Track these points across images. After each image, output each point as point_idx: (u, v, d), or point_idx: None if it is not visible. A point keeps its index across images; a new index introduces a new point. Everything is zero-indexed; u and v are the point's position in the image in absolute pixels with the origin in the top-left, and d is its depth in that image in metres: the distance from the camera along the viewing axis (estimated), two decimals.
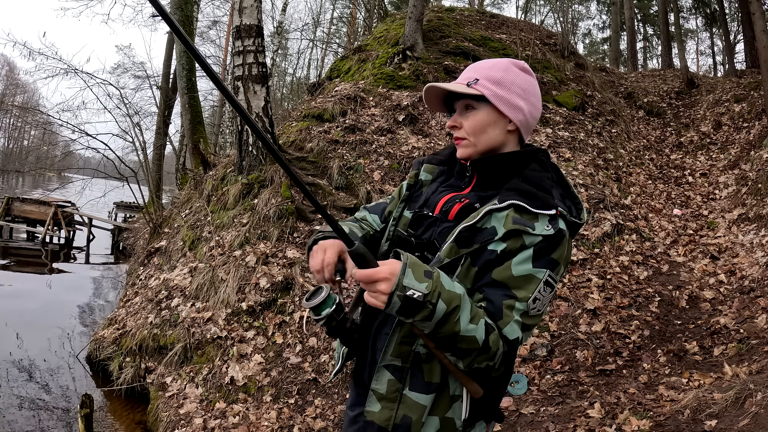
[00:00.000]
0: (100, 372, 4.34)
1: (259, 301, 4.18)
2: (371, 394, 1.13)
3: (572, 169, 6.35)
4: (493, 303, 1.02)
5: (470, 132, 1.15)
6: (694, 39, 24.70)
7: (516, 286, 1.01)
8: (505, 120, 1.14)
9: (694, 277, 4.78)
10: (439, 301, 0.93)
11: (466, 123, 1.16)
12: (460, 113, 1.18)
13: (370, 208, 1.42)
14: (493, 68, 1.16)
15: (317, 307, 1.09)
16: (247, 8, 5.34)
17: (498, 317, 1.01)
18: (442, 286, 0.94)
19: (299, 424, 3.28)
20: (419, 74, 7.64)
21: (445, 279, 0.97)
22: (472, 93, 1.12)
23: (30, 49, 9.66)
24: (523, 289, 1.01)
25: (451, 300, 0.94)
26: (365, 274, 0.94)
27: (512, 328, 1.01)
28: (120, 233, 12.50)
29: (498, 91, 1.12)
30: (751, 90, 8.99)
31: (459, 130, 1.17)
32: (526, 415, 3.14)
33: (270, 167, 5.25)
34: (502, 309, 1.01)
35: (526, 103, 1.15)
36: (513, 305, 1.01)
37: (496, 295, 1.02)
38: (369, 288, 0.95)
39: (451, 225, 1.12)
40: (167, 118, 13.42)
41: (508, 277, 1.02)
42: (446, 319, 0.94)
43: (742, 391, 2.62)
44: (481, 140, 1.15)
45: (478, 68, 1.17)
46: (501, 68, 1.15)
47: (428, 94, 1.20)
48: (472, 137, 1.15)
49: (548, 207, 1.04)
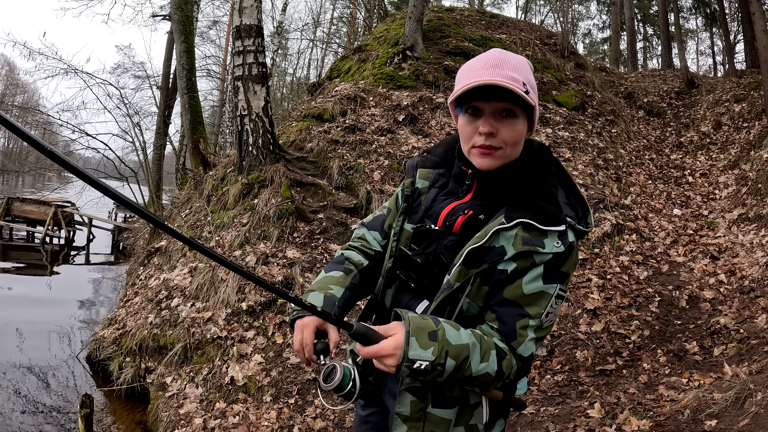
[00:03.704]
0: (100, 372, 4.34)
1: (259, 301, 4.18)
2: (396, 417, 1.13)
3: (572, 169, 6.35)
4: (506, 324, 1.02)
5: (509, 142, 1.03)
6: (694, 39, 24.70)
7: (528, 304, 1.01)
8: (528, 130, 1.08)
9: (694, 277, 4.78)
10: (447, 359, 0.93)
11: (505, 132, 1.02)
12: (497, 119, 1.02)
13: (368, 225, 1.36)
14: (528, 71, 1.04)
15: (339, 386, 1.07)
16: (247, 8, 5.34)
17: (512, 338, 1.02)
18: (448, 344, 0.93)
19: (299, 424, 3.28)
20: (419, 74, 7.64)
21: (450, 333, 0.95)
22: (530, 102, 0.99)
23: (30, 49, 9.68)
24: (536, 306, 1.01)
25: (460, 354, 0.94)
26: (369, 352, 0.94)
27: (526, 346, 1.02)
28: (120, 233, 12.49)
29: (536, 99, 1.03)
30: (751, 90, 8.98)
31: (495, 138, 1.03)
32: (526, 415, 3.14)
33: (270, 167, 5.25)
34: (516, 330, 1.01)
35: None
36: (527, 324, 1.01)
37: (509, 315, 1.02)
38: (377, 361, 0.95)
39: (455, 238, 1.09)
40: (167, 118, 13.41)
41: (519, 296, 1.01)
42: (457, 370, 0.95)
43: (742, 391, 2.61)
44: (514, 152, 1.06)
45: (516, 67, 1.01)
46: (531, 70, 1.06)
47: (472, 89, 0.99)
48: (508, 149, 1.04)
49: (557, 222, 1.00)
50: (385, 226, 1.32)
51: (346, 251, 1.32)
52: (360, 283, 1.26)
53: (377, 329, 0.96)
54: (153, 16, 14.14)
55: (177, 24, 10.04)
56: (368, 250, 1.32)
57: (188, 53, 10.01)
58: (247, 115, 5.30)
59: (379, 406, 1.31)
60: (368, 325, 0.97)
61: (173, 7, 10.25)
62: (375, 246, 1.32)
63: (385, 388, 1.24)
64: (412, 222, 1.19)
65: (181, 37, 9.86)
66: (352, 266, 1.27)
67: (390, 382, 1.21)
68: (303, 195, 5.24)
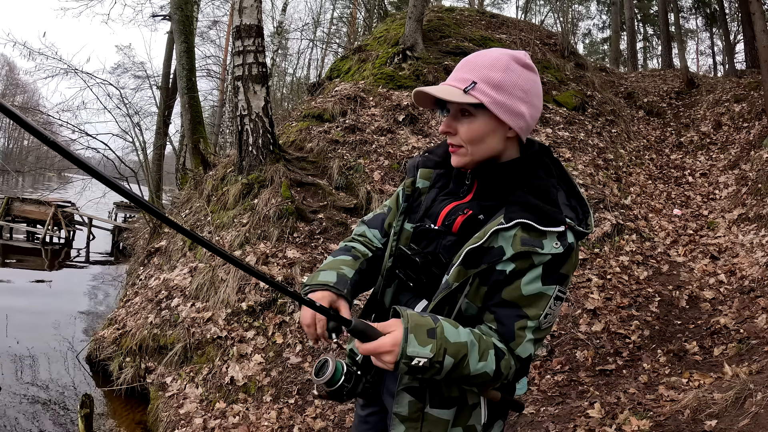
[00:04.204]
0: (100, 372, 4.34)
1: (259, 301, 4.18)
2: (394, 417, 1.13)
3: (572, 169, 6.35)
4: (505, 325, 1.02)
5: (467, 141, 1.05)
6: (694, 39, 24.69)
7: (527, 305, 1.00)
8: (504, 127, 1.04)
9: (694, 277, 4.78)
10: (445, 357, 0.93)
11: (462, 130, 1.05)
12: (454, 117, 1.06)
13: (368, 222, 1.36)
14: (492, 67, 1.02)
15: (330, 380, 1.05)
16: (247, 8, 5.34)
17: (510, 339, 1.01)
18: (447, 341, 0.93)
19: (299, 424, 3.28)
20: (419, 74, 7.64)
21: (449, 331, 0.95)
22: (470, 101, 1.00)
23: (30, 49, 9.66)
24: (534, 307, 1.00)
25: (458, 351, 0.94)
26: (368, 348, 0.94)
27: (525, 347, 1.02)
28: (120, 233, 12.49)
29: (498, 97, 1.00)
30: (751, 90, 8.98)
31: (454, 137, 1.07)
32: (526, 415, 3.14)
33: (270, 167, 5.25)
34: (514, 331, 1.01)
35: (528, 107, 1.04)
36: (525, 325, 1.00)
37: (508, 316, 1.01)
38: (375, 357, 0.96)
39: (455, 238, 1.09)
40: (167, 118, 13.41)
41: (518, 297, 1.00)
42: (455, 368, 0.95)
43: (742, 391, 2.62)
44: (479, 150, 1.05)
45: (476, 66, 1.03)
46: (501, 67, 1.02)
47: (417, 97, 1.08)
48: (468, 146, 1.05)
49: (556, 223, 0.99)
50: (385, 225, 1.32)
51: (349, 242, 1.33)
52: (367, 269, 1.27)
53: (376, 326, 0.96)
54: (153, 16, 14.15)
55: (177, 24, 10.04)
56: (369, 245, 1.32)
57: (188, 53, 10.00)
58: (247, 115, 5.30)
59: (379, 405, 1.31)
60: (367, 322, 0.97)
61: (173, 7, 10.25)
62: (375, 243, 1.32)
63: (384, 388, 1.24)
64: (412, 221, 1.19)
65: (181, 37, 9.86)
66: (359, 254, 1.28)
67: (389, 382, 1.21)
68: (303, 195, 5.25)
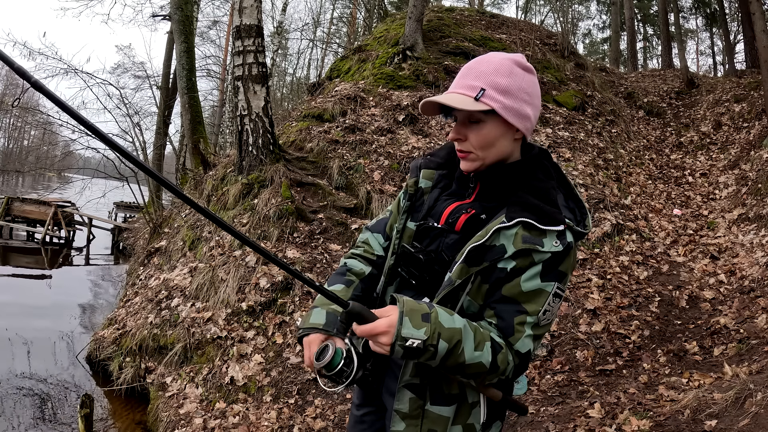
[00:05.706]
0: (100, 372, 4.34)
1: (259, 301, 4.18)
2: (395, 414, 1.14)
3: (572, 169, 6.35)
4: (504, 320, 1.04)
5: (477, 147, 1.08)
6: (694, 39, 24.71)
7: (526, 301, 1.03)
8: (512, 130, 1.08)
9: (694, 277, 4.78)
10: (440, 341, 0.95)
11: (472, 137, 1.08)
12: (464, 124, 1.09)
13: (372, 228, 1.40)
14: (497, 73, 1.05)
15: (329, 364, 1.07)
16: (247, 8, 5.34)
17: (509, 333, 1.04)
18: (441, 326, 0.96)
19: (299, 424, 3.28)
20: (419, 74, 7.64)
21: (443, 317, 0.98)
22: (482, 108, 1.03)
23: (30, 49, 9.68)
24: (533, 303, 1.03)
25: (452, 336, 0.96)
26: (365, 330, 0.97)
27: (523, 343, 1.04)
28: (120, 233, 12.49)
29: (507, 101, 1.04)
30: (751, 90, 8.98)
31: (464, 143, 1.10)
32: (526, 415, 3.14)
33: (270, 167, 5.25)
34: (513, 326, 1.03)
35: (532, 108, 1.09)
36: (524, 320, 1.03)
37: (507, 311, 1.04)
38: (371, 339, 0.98)
39: (457, 236, 1.11)
40: (167, 118, 13.42)
41: (518, 293, 1.03)
42: (450, 354, 0.96)
43: (742, 391, 2.62)
44: (490, 154, 1.09)
45: (481, 73, 1.06)
46: (505, 72, 1.05)
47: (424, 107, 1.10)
48: (480, 152, 1.09)
49: (556, 222, 1.03)
50: (387, 228, 1.35)
51: (348, 260, 1.35)
52: (362, 293, 1.30)
53: (373, 311, 0.99)
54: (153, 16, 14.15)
55: (177, 24, 10.04)
56: (371, 255, 1.35)
57: (188, 53, 10.01)
58: (247, 115, 5.30)
59: (375, 405, 1.33)
60: (364, 306, 0.99)
61: (173, 7, 10.25)
62: (378, 250, 1.35)
63: (383, 387, 1.24)
64: (414, 220, 1.21)
65: (181, 37, 9.86)
66: (353, 277, 1.30)
67: (389, 381, 1.22)
68: (303, 195, 5.24)
